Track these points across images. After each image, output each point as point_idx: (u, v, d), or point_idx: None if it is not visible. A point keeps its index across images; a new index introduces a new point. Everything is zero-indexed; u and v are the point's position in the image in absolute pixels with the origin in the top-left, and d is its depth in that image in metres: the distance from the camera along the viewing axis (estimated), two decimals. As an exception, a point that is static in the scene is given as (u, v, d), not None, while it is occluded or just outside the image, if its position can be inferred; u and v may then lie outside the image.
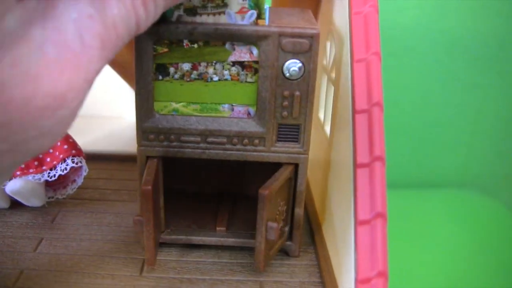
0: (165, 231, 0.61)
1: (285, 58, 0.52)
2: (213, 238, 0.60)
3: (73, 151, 0.66)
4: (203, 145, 0.56)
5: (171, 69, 0.54)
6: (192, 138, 0.55)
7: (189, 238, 0.60)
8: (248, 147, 0.56)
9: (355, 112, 0.51)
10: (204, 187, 0.68)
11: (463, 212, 1.20)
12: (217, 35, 0.51)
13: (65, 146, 0.66)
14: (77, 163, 0.66)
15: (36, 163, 0.65)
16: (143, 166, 0.56)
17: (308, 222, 0.67)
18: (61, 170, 0.66)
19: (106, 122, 0.95)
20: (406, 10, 1.14)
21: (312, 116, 0.55)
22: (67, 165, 0.66)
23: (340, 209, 0.55)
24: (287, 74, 0.52)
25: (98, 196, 0.72)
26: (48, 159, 0.66)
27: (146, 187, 0.52)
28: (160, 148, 0.56)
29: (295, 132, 0.55)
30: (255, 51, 0.53)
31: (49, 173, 0.66)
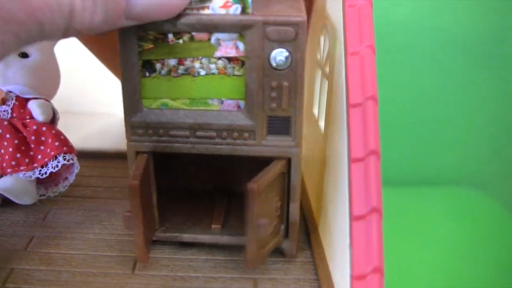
0: (160, 229, 0.60)
1: (271, 48, 0.51)
2: (208, 236, 0.59)
3: (65, 148, 0.65)
4: (193, 139, 0.55)
5: (158, 65, 0.53)
6: (181, 132, 0.55)
7: (184, 236, 0.59)
8: (238, 141, 0.55)
9: (349, 106, 0.50)
10: (199, 185, 0.67)
11: (460, 210, 1.19)
12: (200, 26, 0.50)
13: (56, 143, 0.65)
14: (69, 161, 0.65)
15: (27, 161, 0.65)
16: (133, 162, 0.56)
17: (304, 221, 0.66)
18: (53, 168, 0.65)
19: (99, 119, 0.95)
20: (401, 7, 1.14)
21: (303, 108, 0.54)
22: (59, 163, 0.65)
23: (335, 205, 0.54)
24: (274, 64, 0.51)
25: (90, 194, 0.71)
26: (39, 157, 0.65)
27: (133, 182, 0.51)
28: (150, 143, 0.55)
29: (286, 125, 0.54)
30: (241, 46, 0.52)
31: (40, 171, 0.65)
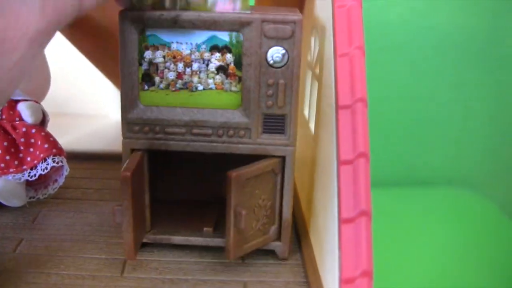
0: (151, 231, 0.60)
1: (269, 45, 0.52)
2: (199, 238, 0.59)
3: (54, 150, 0.65)
4: (188, 137, 0.55)
5: (156, 79, 0.54)
6: (177, 130, 0.55)
7: (175, 238, 0.59)
8: (234, 139, 0.55)
9: (339, 108, 0.50)
10: (194, 195, 0.67)
11: (453, 210, 1.19)
12: (201, 22, 0.52)
13: (46, 145, 0.65)
14: (58, 163, 0.65)
15: (16, 163, 0.64)
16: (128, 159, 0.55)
17: (294, 223, 0.66)
18: (42, 170, 0.65)
19: (89, 121, 0.95)
20: (394, 7, 1.14)
21: (298, 106, 0.54)
22: (48, 165, 0.65)
23: (325, 208, 0.54)
24: (271, 61, 0.52)
25: (80, 196, 0.71)
26: (29, 159, 0.64)
27: (125, 173, 0.51)
28: (145, 141, 0.55)
29: (281, 123, 0.54)
30: (238, 4, 0.52)
31: (30, 173, 0.65)
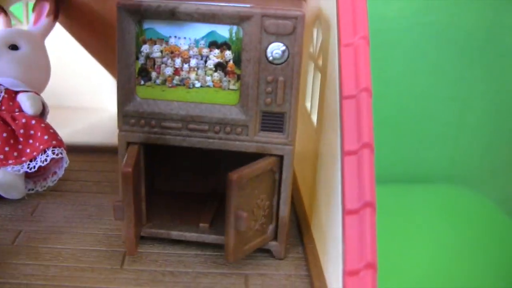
0: (147, 225, 0.59)
1: (269, 41, 0.51)
2: (195, 234, 0.58)
3: (54, 142, 0.64)
4: (184, 132, 0.54)
5: (153, 74, 0.53)
6: (173, 124, 0.54)
7: (172, 233, 0.58)
8: (230, 136, 0.54)
9: (343, 98, 0.49)
10: (192, 188, 0.66)
11: (451, 207, 1.19)
12: (199, 15, 0.51)
13: (46, 137, 0.64)
14: (58, 154, 0.65)
15: (15, 154, 0.64)
16: (124, 152, 0.55)
17: (296, 216, 0.65)
18: (41, 162, 0.64)
19: (89, 113, 0.94)
20: (392, 3, 1.13)
21: (298, 105, 0.53)
22: (48, 156, 0.64)
23: (328, 200, 0.54)
24: (270, 58, 0.51)
25: (79, 188, 0.70)
26: (28, 150, 0.64)
27: (127, 169, 0.51)
28: (141, 134, 0.55)
29: (280, 121, 0.53)
30: None
31: (29, 165, 0.64)
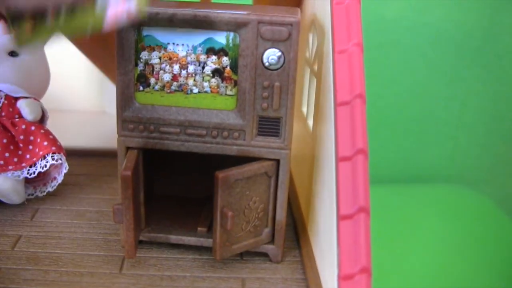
0: (145, 229, 0.60)
1: (265, 47, 0.52)
2: (193, 238, 0.59)
3: (53, 148, 0.65)
4: (183, 137, 0.55)
5: (152, 80, 0.54)
6: (172, 129, 0.55)
7: (170, 237, 0.59)
8: (228, 140, 0.55)
9: (337, 104, 0.50)
10: (191, 193, 0.67)
11: (451, 207, 1.19)
12: (197, 22, 0.51)
13: (45, 143, 0.65)
14: (57, 160, 0.65)
15: (16, 160, 0.64)
16: (123, 157, 0.56)
17: (293, 219, 0.66)
18: (41, 167, 0.65)
19: (88, 117, 0.94)
20: (390, 3, 1.14)
21: (294, 110, 0.54)
22: (47, 162, 0.65)
23: (324, 205, 0.54)
24: (267, 64, 0.52)
25: (79, 193, 0.71)
26: (28, 156, 0.64)
27: (126, 173, 0.51)
28: (140, 139, 0.55)
29: (276, 126, 0.54)
30: (133, 2, 0.48)
31: (29, 170, 0.65)
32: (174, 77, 0.54)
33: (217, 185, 0.52)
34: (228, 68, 0.53)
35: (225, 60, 0.53)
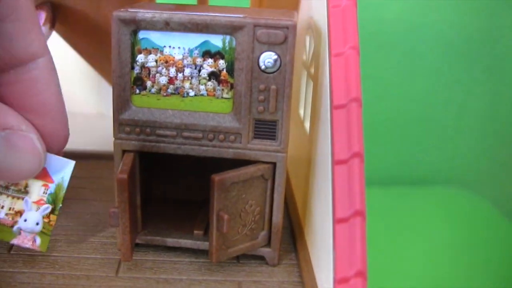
0: (142, 232, 0.60)
1: (261, 50, 0.52)
2: (189, 241, 0.59)
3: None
4: (179, 140, 0.55)
5: (148, 83, 0.54)
6: (168, 132, 0.55)
7: (165, 240, 0.59)
8: (224, 143, 0.55)
9: (333, 108, 0.50)
10: (186, 195, 0.67)
11: (449, 209, 1.20)
12: (193, 25, 0.52)
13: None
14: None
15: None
16: (119, 160, 0.56)
17: (290, 222, 0.66)
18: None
19: (85, 120, 0.94)
20: (390, 5, 1.14)
21: (290, 113, 0.54)
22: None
23: (320, 208, 0.54)
24: (263, 67, 0.52)
25: (75, 195, 0.71)
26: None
27: (122, 176, 0.51)
28: (136, 142, 0.55)
29: (272, 129, 0.54)
30: (38, 241, 0.53)
31: None
32: (171, 80, 0.54)
33: (213, 188, 0.52)
34: (225, 71, 0.53)
35: (222, 63, 0.53)
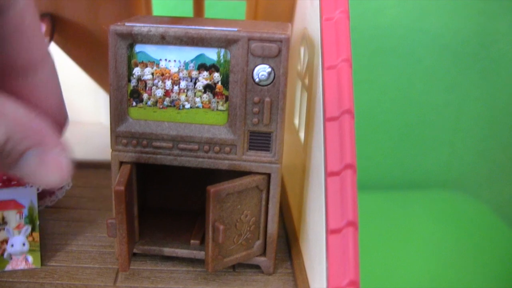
0: (139, 242, 0.60)
1: (255, 63, 0.52)
2: (186, 251, 0.60)
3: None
4: (175, 152, 0.56)
5: (145, 96, 0.55)
6: (164, 144, 0.55)
7: (162, 249, 0.60)
8: (220, 155, 0.55)
9: (326, 120, 0.50)
10: (183, 205, 0.68)
11: (447, 213, 1.20)
12: (188, 39, 0.52)
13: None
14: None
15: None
16: (117, 171, 0.56)
17: (285, 231, 0.66)
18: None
19: (83, 128, 0.95)
20: (387, 10, 1.14)
21: (284, 124, 0.54)
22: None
23: (314, 218, 0.55)
24: (257, 79, 0.52)
25: (74, 205, 0.71)
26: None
27: (119, 188, 0.52)
28: (133, 154, 0.56)
29: (267, 141, 0.55)
30: (30, 259, 0.57)
31: (31, 186, 0.65)
32: (167, 93, 0.54)
33: (209, 200, 0.53)
34: (220, 84, 0.54)
35: (217, 76, 0.53)
